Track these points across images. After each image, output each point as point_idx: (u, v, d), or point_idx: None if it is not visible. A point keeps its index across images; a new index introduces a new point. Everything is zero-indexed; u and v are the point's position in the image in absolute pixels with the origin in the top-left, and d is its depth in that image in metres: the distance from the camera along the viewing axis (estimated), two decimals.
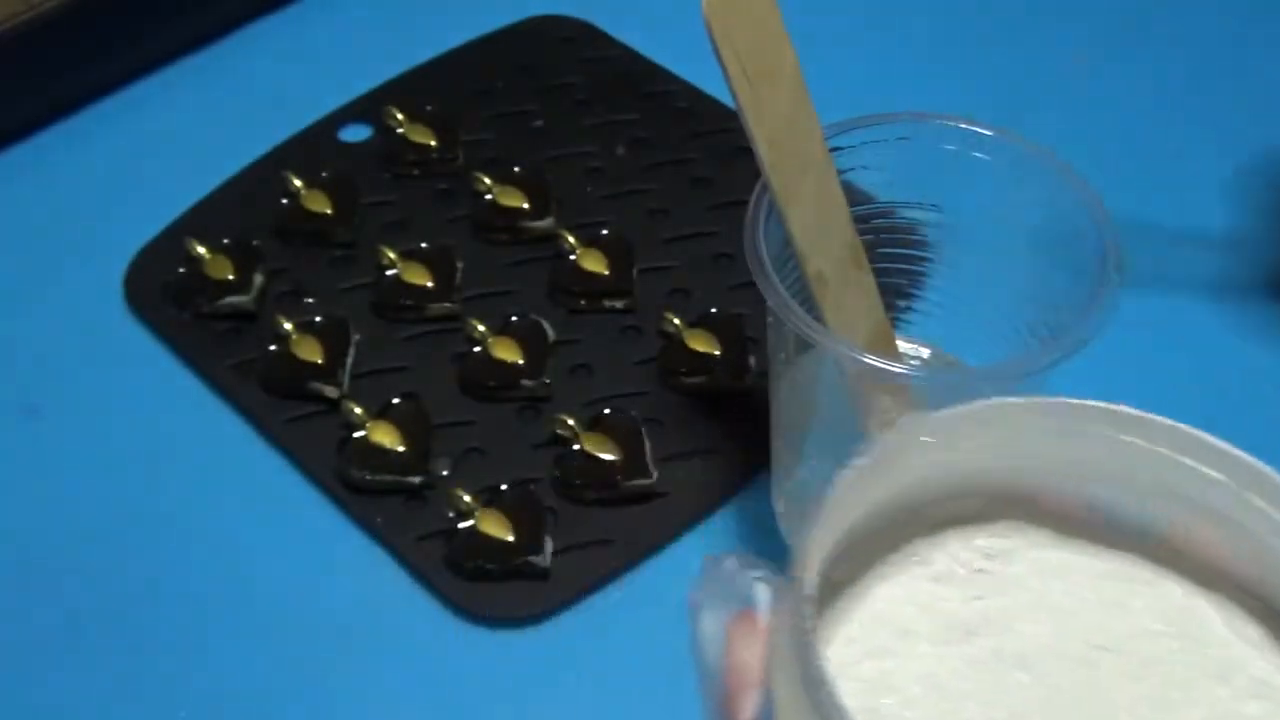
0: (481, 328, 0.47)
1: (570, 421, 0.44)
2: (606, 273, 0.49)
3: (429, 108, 0.55)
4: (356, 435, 0.44)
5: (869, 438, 0.36)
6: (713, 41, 0.32)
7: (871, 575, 0.27)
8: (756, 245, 0.35)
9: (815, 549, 0.24)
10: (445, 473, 0.44)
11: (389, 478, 0.44)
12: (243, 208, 0.52)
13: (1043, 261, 0.37)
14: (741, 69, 0.33)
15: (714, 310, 0.48)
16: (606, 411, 0.45)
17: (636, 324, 0.48)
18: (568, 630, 0.42)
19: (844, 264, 0.36)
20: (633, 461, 0.44)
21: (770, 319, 0.37)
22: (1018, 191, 0.37)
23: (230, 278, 0.48)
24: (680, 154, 0.54)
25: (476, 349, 0.47)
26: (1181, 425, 0.26)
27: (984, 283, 0.39)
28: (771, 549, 0.43)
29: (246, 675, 0.41)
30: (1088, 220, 0.36)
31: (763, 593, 0.25)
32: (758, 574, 0.25)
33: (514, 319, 0.48)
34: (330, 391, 0.46)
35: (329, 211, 0.51)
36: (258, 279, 0.49)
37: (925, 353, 0.42)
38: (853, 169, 0.37)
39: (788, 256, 0.37)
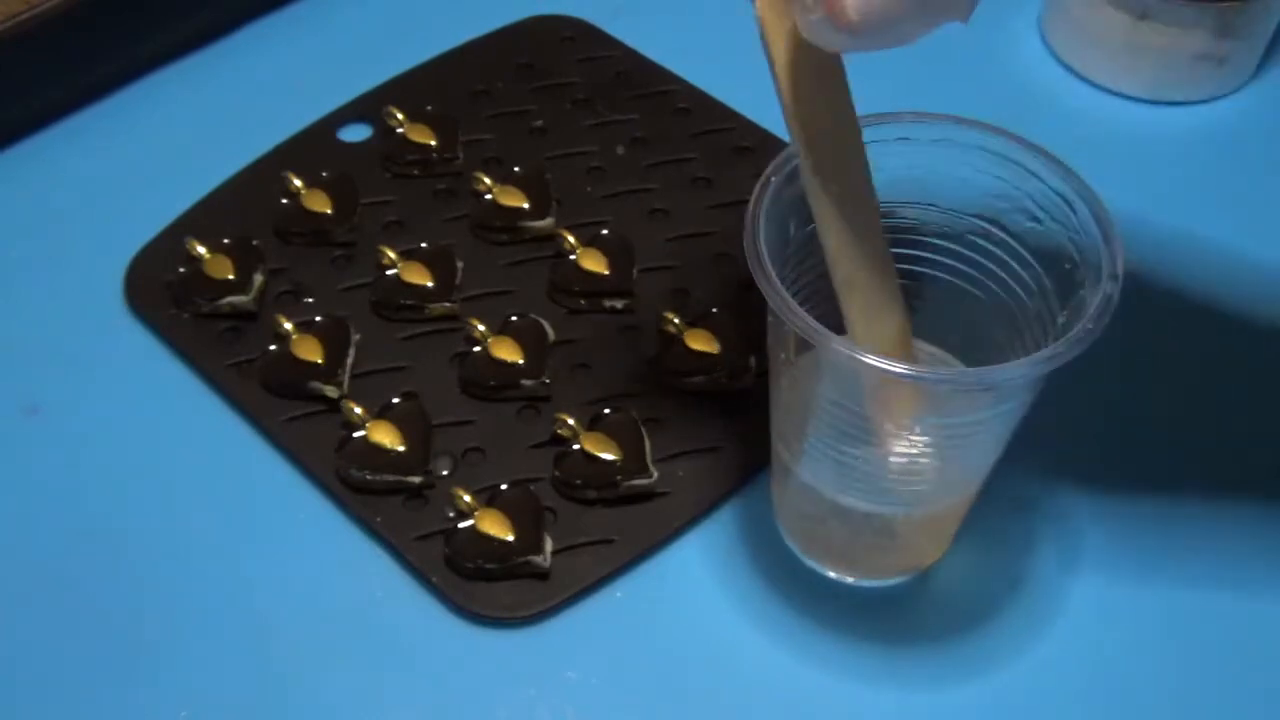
0: (481, 327, 0.47)
1: (570, 421, 0.44)
2: (606, 273, 0.49)
3: (429, 108, 0.55)
4: (356, 435, 0.44)
5: (882, 436, 0.35)
6: (763, 38, 0.32)
7: None
8: (757, 245, 0.35)
9: None
10: (445, 472, 0.44)
11: (389, 477, 0.44)
12: (243, 208, 0.52)
13: (1043, 260, 0.37)
14: (789, 66, 0.33)
15: (714, 310, 0.48)
16: (606, 411, 0.45)
17: (636, 324, 0.48)
18: (568, 630, 0.42)
19: (874, 270, 0.36)
20: (633, 461, 0.44)
21: (770, 319, 0.37)
22: (1018, 191, 0.37)
23: (230, 277, 0.48)
24: (680, 154, 0.54)
25: (476, 349, 0.47)
26: None
27: (984, 282, 0.39)
28: (772, 548, 0.43)
29: (246, 675, 0.41)
30: (1089, 218, 0.36)
31: None
32: None
33: (514, 319, 0.48)
34: (330, 391, 0.46)
35: (329, 211, 0.51)
36: (258, 279, 0.49)
37: (926, 353, 0.42)
38: None
39: (787, 256, 0.37)
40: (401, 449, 0.44)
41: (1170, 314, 0.49)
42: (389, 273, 0.49)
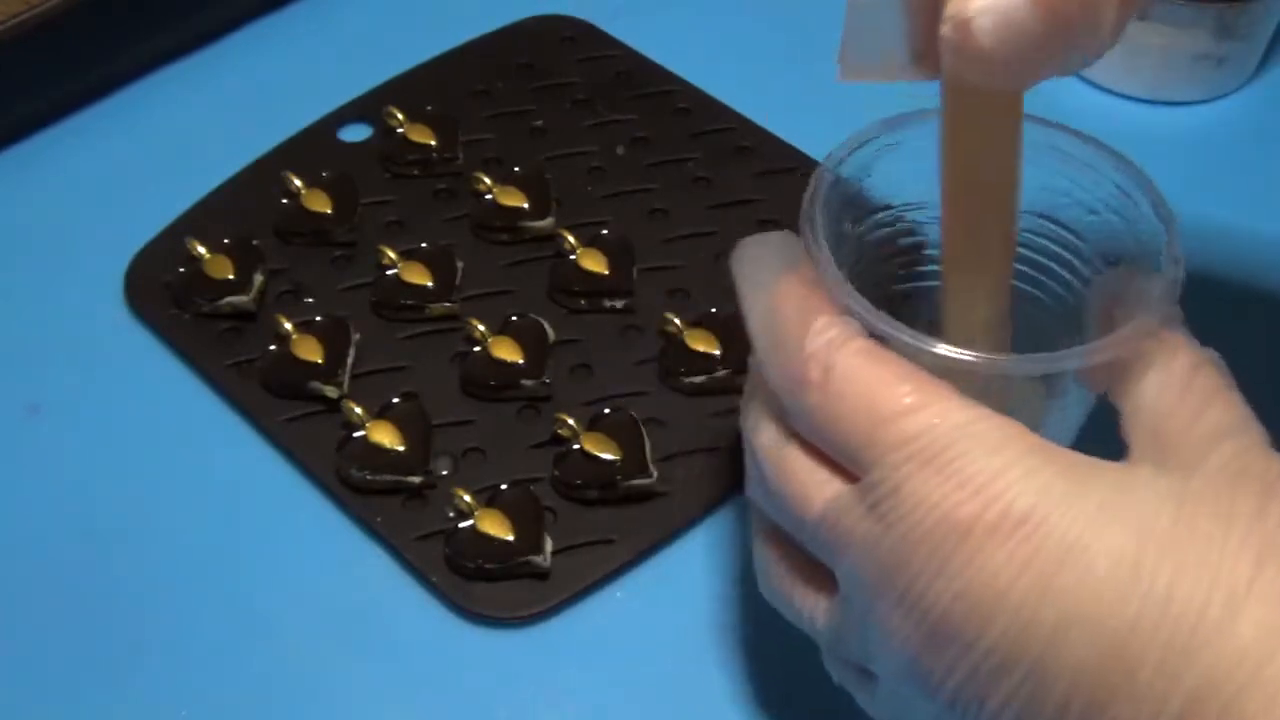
0: (481, 327, 0.47)
1: (570, 421, 0.44)
2: (606, 273, 0.49)
3: (429, 108, 0.55)
4: (356, 435, 0.44)
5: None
6: None
7: None
8: (816, 240, 0.33)
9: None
10: (445, 473, 0.44)
11: (389, 478, 0.44)
12: (243, 208, 0.52)
13: (1103, 253, 0.36)
14: None
15: (714, 310, 0.48)
16: (606, 411, 0.45)
17: (636, 324, 0.48)
18: (568, 630, 0.42)
19: (993, 253, 0.34)
20: (633, 461, 0.44)
21: None
22: (1074, 184, 0.36)
23: (230, 278, 0.48)
24: (680, 154, 0.54)
25: (476, 349, 0.47)
26: None
27: (1041, 280, 0.38)
28: None
29: (246, 675, 0.41)
30: (1148, 207, 0.35)
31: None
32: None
33: (514, 319, 0.48)
34: (330, 391, 0.46)
35: (329, 211, 0.51)
36: (258, 279, 0.49)
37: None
38: (891, 168, 0.36)
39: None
40: (401, 449, 0.44)
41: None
42: (389, 273, 0.49)
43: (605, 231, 0.51)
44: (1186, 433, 0.29)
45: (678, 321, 0.47)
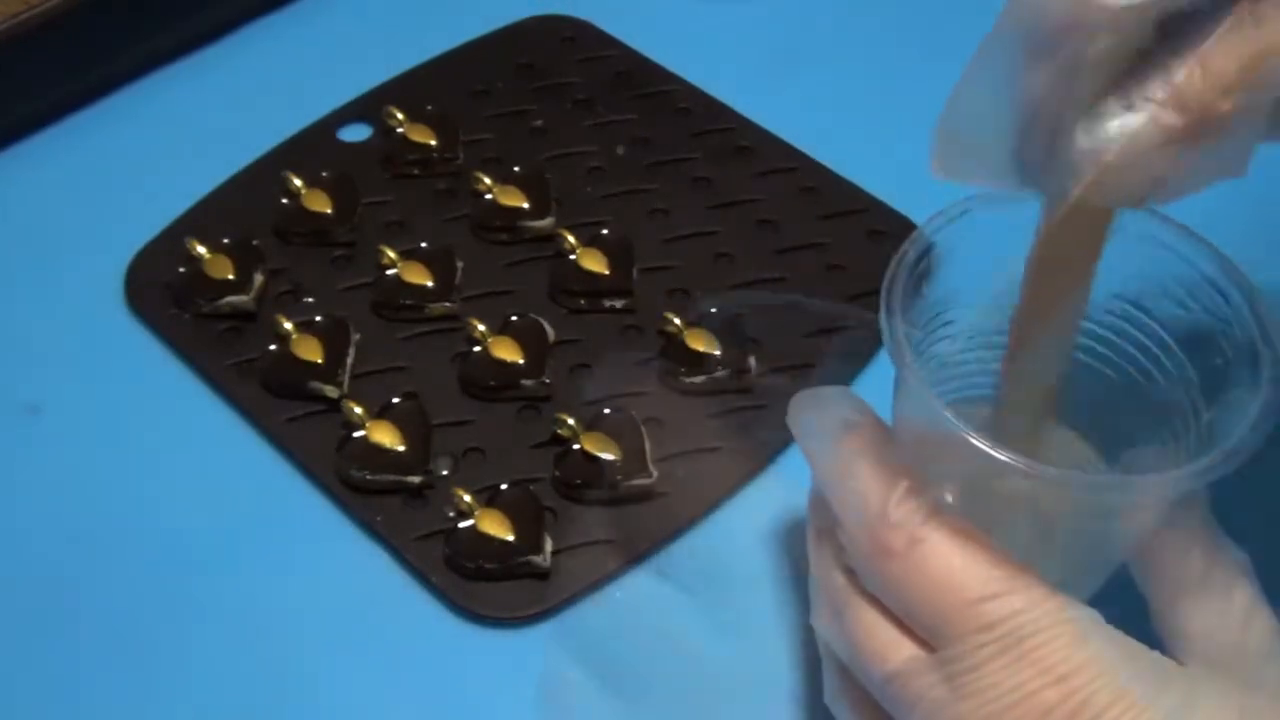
0: (481, 327, 0.47)
1: (570, 421, 0.44)
2: (606, 272, 0.49)
3: (429, 108, 0.55)
4: (356, 435, 0.44)
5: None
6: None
7: None
8: (892, 320, 0.32)
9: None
10: (445, 472, 0.44)
11: (389, 477, 0.44)
12: (243, 208, 0.52)
13: (1189, 349, 0.35)
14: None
15: (714, 310, 0.48)
16: (606, 411, 0.45)
17: (636, 324, 0.48)
18: (568, 630, 0.42)
19: (1056, 350, 0.34)
20: (633, 461, 0.44)
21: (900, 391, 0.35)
22: (1165, 274, 0.35)
23: (230, 278, 0.48)
24: (680, 154, 0.54)
25: (476, 349, 0.47)
26: None
27: (1119, 364, 0.36)
28: (771, 549, 0.43)
29: (246, 675, 0.41)
30: (1245, 312, 0.33)
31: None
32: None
33: (514, 319, 0.48)
34: (330, 391, 0.46)
35: (329, 211, 0.51)
36: (258, 279, 0.49)
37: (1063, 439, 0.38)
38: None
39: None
40: (401, 449, 0.44)
41: None
42: (389, 273, 0.49)
43: (605, 231, 0.51)
44: (1239, 650, 0.31)
45: (678, 321, 0.47)
